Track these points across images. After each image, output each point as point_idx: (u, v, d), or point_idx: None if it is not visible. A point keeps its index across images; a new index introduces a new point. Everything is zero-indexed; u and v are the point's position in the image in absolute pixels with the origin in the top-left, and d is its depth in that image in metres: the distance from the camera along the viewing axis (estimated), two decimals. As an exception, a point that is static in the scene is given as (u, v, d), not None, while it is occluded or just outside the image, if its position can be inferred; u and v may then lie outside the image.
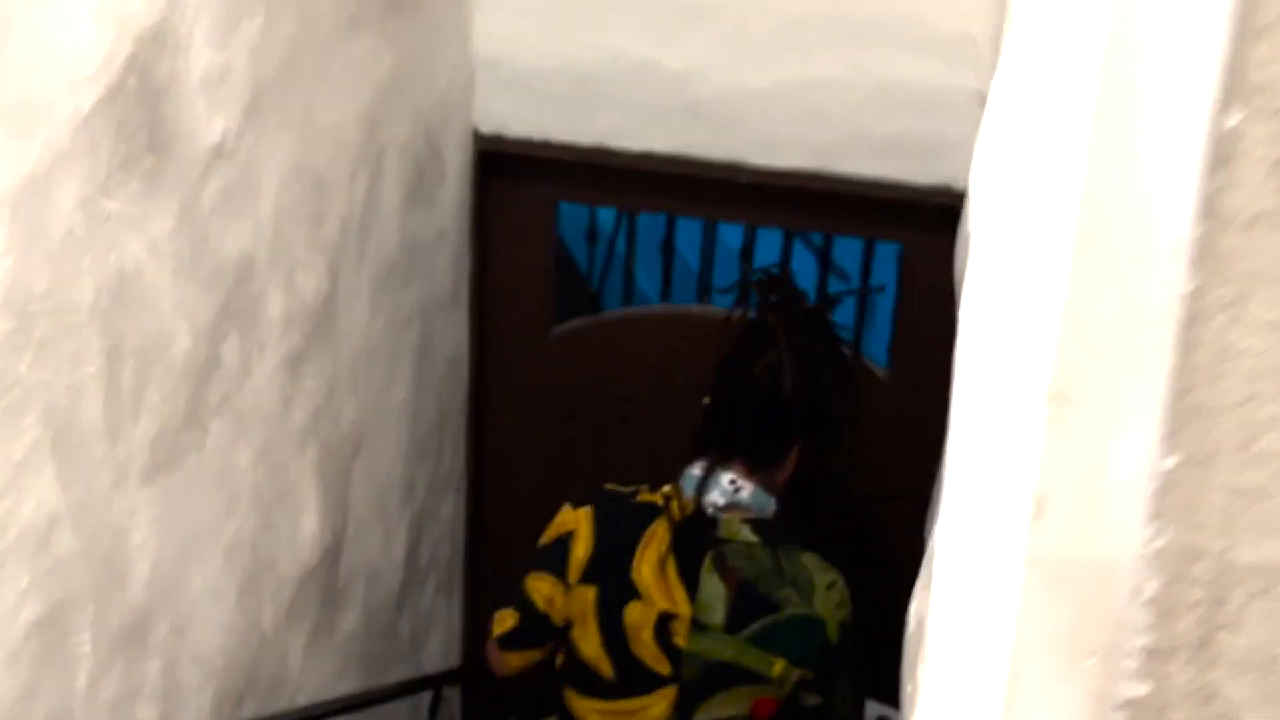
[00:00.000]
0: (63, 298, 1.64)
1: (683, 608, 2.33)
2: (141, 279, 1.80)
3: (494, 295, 3.22)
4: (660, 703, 2.37)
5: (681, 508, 2.35)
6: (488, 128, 3.02)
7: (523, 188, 3.12)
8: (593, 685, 2.40)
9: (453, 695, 3.40)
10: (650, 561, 2.34)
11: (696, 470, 2.39)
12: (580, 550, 2.37)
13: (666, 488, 2.39)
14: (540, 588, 2.41)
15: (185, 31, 1.81)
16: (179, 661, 2.06)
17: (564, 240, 3.73)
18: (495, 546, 3.44)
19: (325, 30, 2.25)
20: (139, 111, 1.73)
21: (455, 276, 3.05)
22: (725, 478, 2.38)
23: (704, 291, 3.47)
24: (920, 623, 1.91)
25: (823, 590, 2.34)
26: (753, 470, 2.40)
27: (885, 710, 3.17)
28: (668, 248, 3.40)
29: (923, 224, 2.85)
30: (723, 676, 2.34)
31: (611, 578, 2.35)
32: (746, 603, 2.31)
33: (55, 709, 1.75)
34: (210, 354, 2.01)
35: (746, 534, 2.35)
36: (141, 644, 1.94)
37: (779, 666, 2.31)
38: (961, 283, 2.55)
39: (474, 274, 3.15)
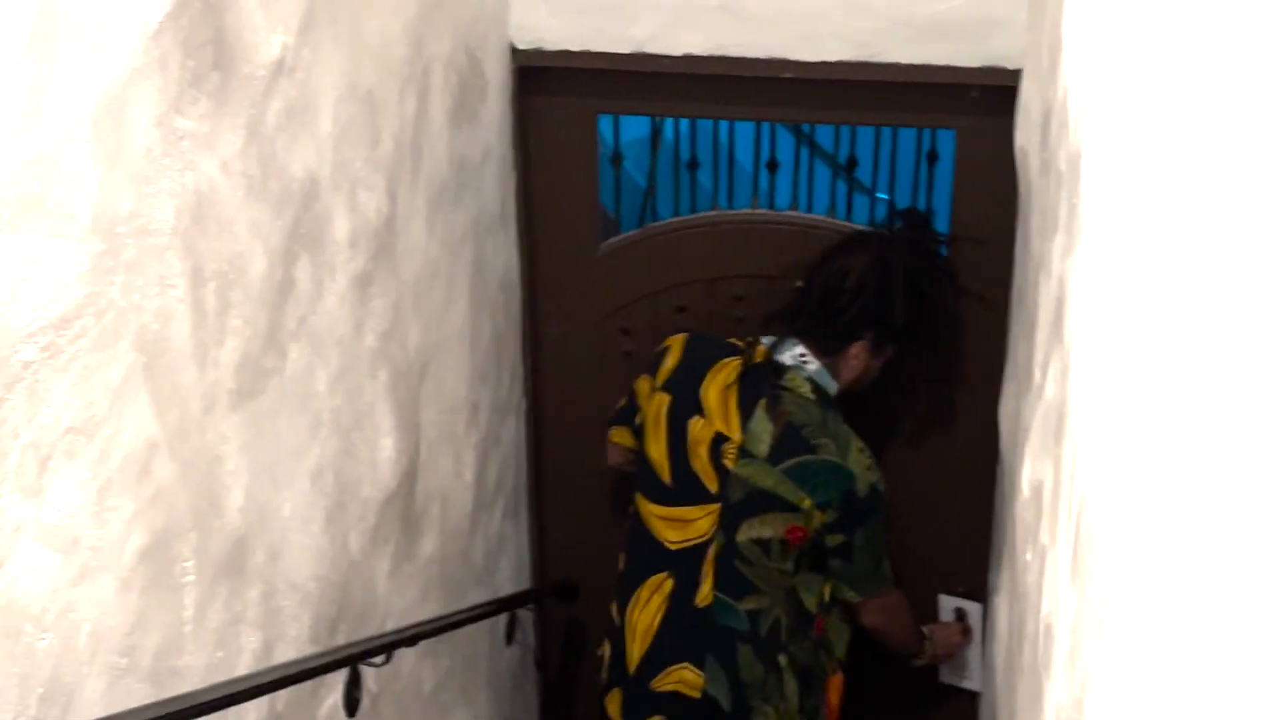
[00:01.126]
0: (146, 219, 1.61)
1: (735, 434, 2.66)
2: (216, 199, 1.77)
3: (541, 213, 3.17)
4: (707, 518, 2.68)
5: (757, 354, 2.72)
6: (525, 42, 2.97)
7: (563, 102, 3.06)
8: (657, 491, 2.75)
9: (526, 618, 3.40)
10: (718, 385, 2.71)
11: (774, 337, 2.76)
12: (669, 362, 2.82)
13: (750, 338, 2.78)
14: (643, 384, 2.89)
15: (239, -57, 1.77)
16: (276, 588, 2.05)
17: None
18: (556, 469, 3.41)
19: (367, -57, 2.20)
20: (203, 26, 1.69)
21: (503, 196, 3.02)
22: (797, 349, 2.73)
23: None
24: (1038, 490, 1.89)
25: (855, 451, 2.63)
26: (820, 354, 2.73)
27: (961, 603, 3.17)
28: (693, 164, 3.32)
29: (974, 107, 2.80)
30: (761, 501, 2.63)
31: (685, 390, 2.74)
32: (789, 440, 2.62)
33: (167, 638, 1.74)
34: (285, 276, 1.98)
35: (805, 391, 2.68)
36: (241, 571, 1.93)
37: (807, 502, 2.61)
38: (1027, 157, 2.50)
39: (520, 192, 3.11)
